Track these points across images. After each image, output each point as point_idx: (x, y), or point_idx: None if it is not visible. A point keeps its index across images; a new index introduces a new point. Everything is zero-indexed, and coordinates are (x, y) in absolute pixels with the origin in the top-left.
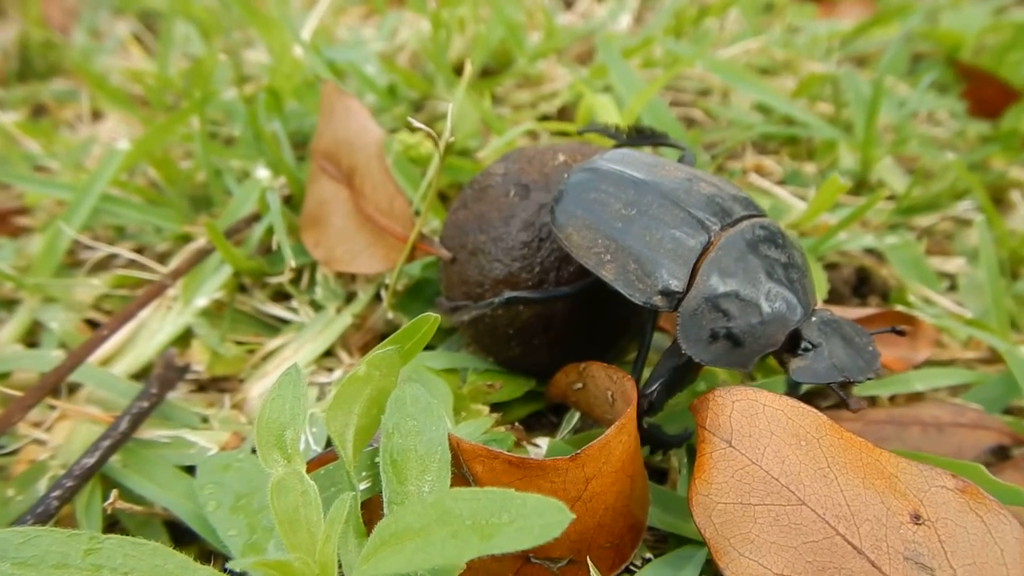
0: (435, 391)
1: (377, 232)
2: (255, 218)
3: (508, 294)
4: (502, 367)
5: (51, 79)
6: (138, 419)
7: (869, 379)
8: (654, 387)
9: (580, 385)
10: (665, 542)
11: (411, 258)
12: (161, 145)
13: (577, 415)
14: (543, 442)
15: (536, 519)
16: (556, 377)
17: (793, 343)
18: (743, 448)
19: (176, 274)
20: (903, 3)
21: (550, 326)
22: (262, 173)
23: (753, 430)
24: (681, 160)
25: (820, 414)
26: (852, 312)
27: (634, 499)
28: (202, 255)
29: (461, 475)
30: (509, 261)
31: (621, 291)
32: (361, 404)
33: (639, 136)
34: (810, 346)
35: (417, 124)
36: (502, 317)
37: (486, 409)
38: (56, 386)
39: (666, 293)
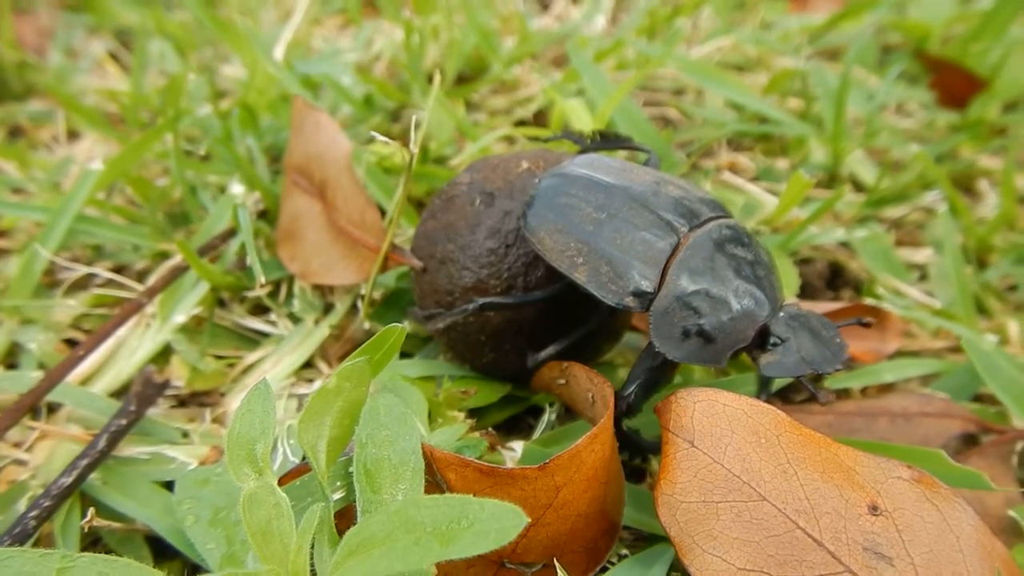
0: (410, 399)
1: (351, 244)
2: (231, 233)
3: (480, 301)
4: (478, 373)
5: (27, 100)
6: (116, 437)
7: (837, 370)
8: (631, 389)
9: (563, 381)
10: (644, 539)
11: (384, 268)
12: (136, 163)
13: (553, 417)
14: (519, 445)
15: (493, 523)
16: (541, 371)
17: (763, 339)
18: (705, 447)
19: (152, 292)
20: None
21: (521, 331)
22: (237, 189)
23: (714, 430)
24: (646, 163)
25: (779, 412)
26: (822, 306)
27: (608, 503)
28: (179, 272)
29: (435, 483)
30: (477, 268)
31: (594, 293)
32: (333, 416)
33: (604, 140)
34: (779, 341)
35: (380, 137)
36: (474, 324)
37: (461, 416)
38: (34, 406)
39: (638, 294)
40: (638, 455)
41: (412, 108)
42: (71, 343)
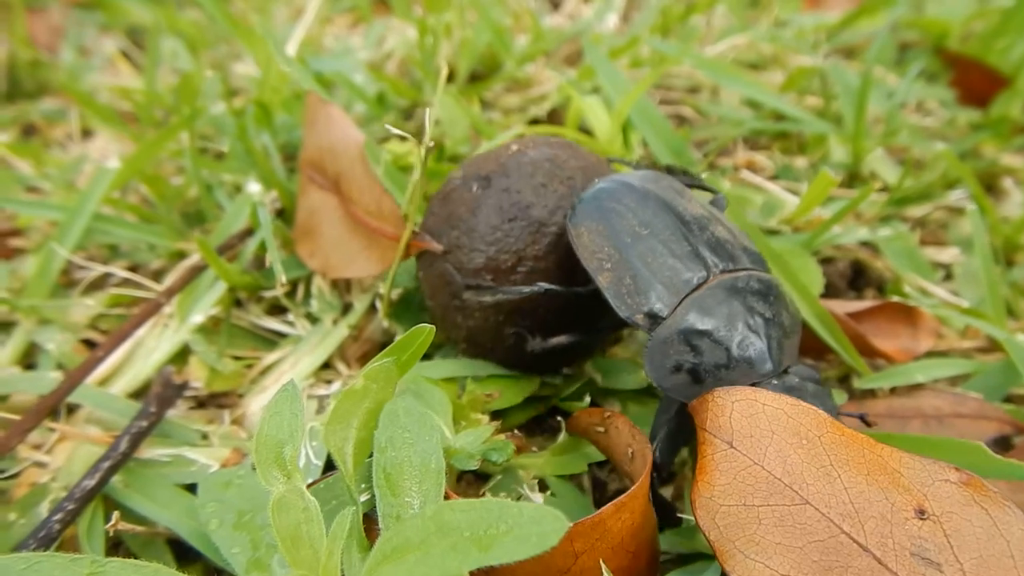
0: (433, 402)
1: (369, 235)
2: (248, 233)
3: (543, 286)
4: (497, 365)
5: (40, 98)
6: (137, 439)
7: None
8: (654, 445)
9: (602, 429)
10: (676, 561)
11: (406, 255)
12: (152, 162)
13: None
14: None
15: (533, 527)
16: (579, 414)
17: None
18: (744, 449)
19: (170, 292)
20: None
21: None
22: (253, 188)
23: (754, 430)
24: (713, 203)
25: (820, 411)
26: (850, 305)
27: (637, 572)
28: (196, 272)
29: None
30: (485, 247)
31: (610, 300)
32: (359, 418)
33: (676, 173)
34: None
35: (395, 131)
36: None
37: (485, 418)
38: (54, 409)
39: (650, 315)
40: (669, 523)
41: (425, 106)
42: (89, 343)
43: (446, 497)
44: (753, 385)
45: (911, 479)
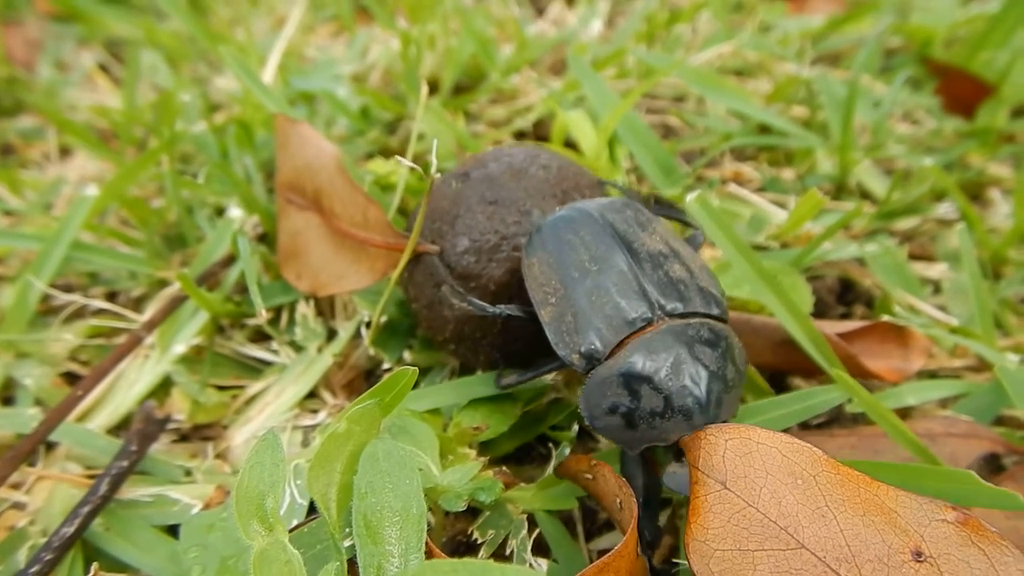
0: (419, 436)
1: (357, 247)
2: (230, 260)
3: (505, 311)
4: (484, 382)
5: (17, 116)
6: (118, 480)
7: None
8: (640, 526)
9: (590, 476)
10: None
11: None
12: (131, 185)
13: (567, 452)
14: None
15: None
16: (567, 462)
17: (680, 449)
18: (738, 490)
19: (151, 325)
20: (873, 1)
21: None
22: (235, 212)
23: (748, 470)
24: (690, 239)
25: (815, 450)
26: (841, 326)
27: None
28: (178, 302)
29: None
30: (467, 230)
31: (549, 336)
32: (342, 461)
33: (658, 206)
34: None
35: (405, 162)
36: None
37: (472, 452)
38: (32, 451)
39: (586, 355)
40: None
41: (409, 119)
42: (69, 376)
43: (428, 550)
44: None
45: (907, 519)
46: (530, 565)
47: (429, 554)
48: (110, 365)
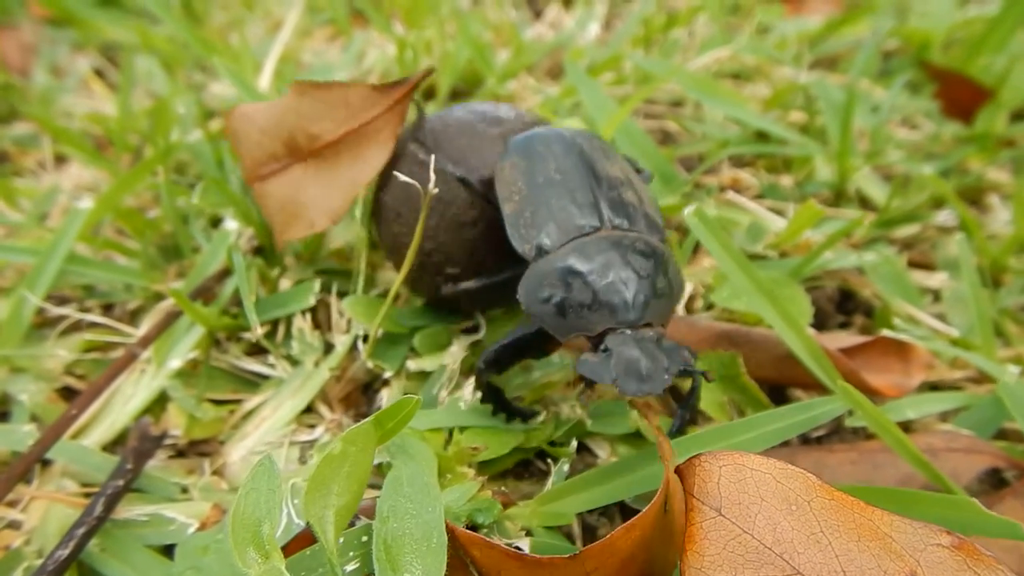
0: (419, 456)
1: (357, 138)
2: (226, 273)
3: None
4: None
5: (11, 122)
6: (113, 500)
7: (632, 395)
8: (501, 344)
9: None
10: None
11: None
12: (126, 196)
13: (566, 468)
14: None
15: None
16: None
17: (599, 339)
18: (733, 516)
19: (146, 341)
20: (870, 2)
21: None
22: (231, 225)
23: (743, 496)
24: (640, 172)
25: (809, 475)
26: (841, 340)
27: None
28: (173, 316)
29: (458, 557)
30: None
31: (507, 229)
32: (339, 483)
33: None
34: (607, 348)
35: (402, 177)
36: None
37: (471, 472)
38: (27, 471)
39: (538, 247)
40: (501, 412)
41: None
42: (65, 389)
43: None
44: (609, 330)
45: (903, 544)
46: None
47: None
48: (105, 382)
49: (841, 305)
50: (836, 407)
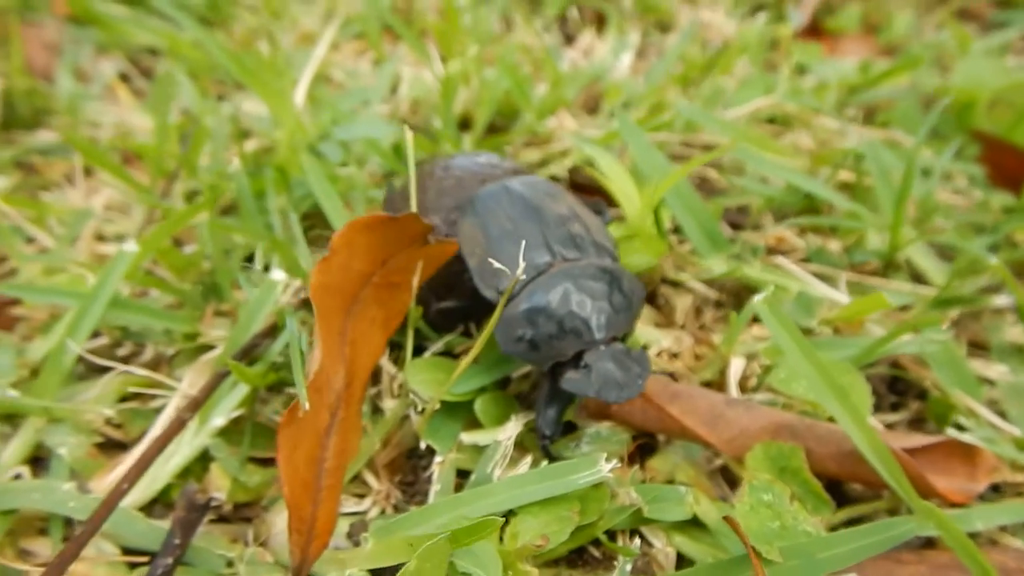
0: (483, 557)
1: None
2: (273, 329)
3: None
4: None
5: (36, 129)
6: None
7: (617, 400)
8: (540, 422)
9: None
10: None
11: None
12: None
13: (629, 565)
14: None
15: None
16: None
17: (576, 360)
18: None
19: (196, 405)
20: (912, 57)
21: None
22: (278, 276)
23: None
24: (598, 212)
25: None
26: (906, 440)
27: None
28: (221, 377)
29: None
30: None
31: (474, 278)
32: None
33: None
34: (587, 365)
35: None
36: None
37: (535, 572)
38: (78, 553)
39: (501, 292)
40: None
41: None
42: (102, 441)
43: None
44: (581, 352)
45: None
46: None
47: None
48: (156, 452)
49: (892, 386)
50: (915, 526)
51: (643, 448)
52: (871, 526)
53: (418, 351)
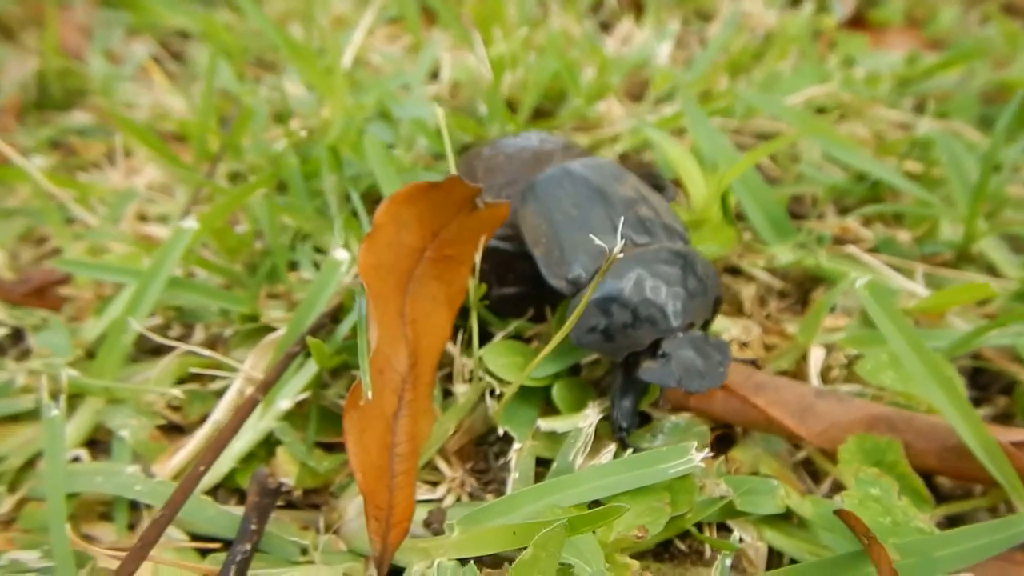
0: (585, 549)
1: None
2: (339, 309)
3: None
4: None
5: (70, 109)
6: (243, 567)
7: (700, 391)
8: (617, 413)
9: None
10: None
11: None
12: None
13: (728, 560)
14: None
15: None
16: None
17: (654, 349)
18: None
19: (266, 386)
20: (967, 49)
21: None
22: (341, 255)
23: None
24: (663, 190)
25: None
26: (1011, 434)
27: None
28: (290, 358)
29: None
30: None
31: (541, 268)
32: None
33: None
34: (665, 353)
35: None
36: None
37: (635, 564)
38: (156, 541)
39: (572, 282)
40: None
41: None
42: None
43: None
44: (659, 339)
45: None
46: None
47: None
48: (230, 434)
49: (974, 379)
50: None
51: (720, 440)
52: (987, 525)
53: (482, 337)
